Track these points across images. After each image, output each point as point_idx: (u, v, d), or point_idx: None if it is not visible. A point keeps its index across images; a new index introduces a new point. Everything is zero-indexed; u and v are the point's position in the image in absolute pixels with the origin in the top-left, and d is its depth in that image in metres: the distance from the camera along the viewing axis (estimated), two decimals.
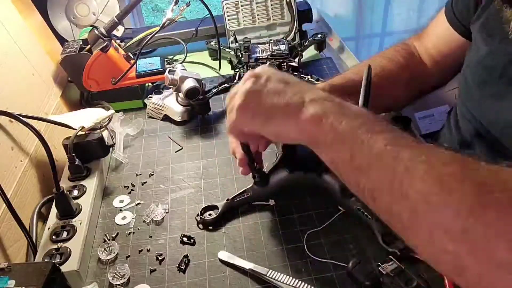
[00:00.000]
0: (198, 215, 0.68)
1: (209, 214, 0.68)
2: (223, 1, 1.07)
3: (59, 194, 0.65)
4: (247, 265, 0.59)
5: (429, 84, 0.79)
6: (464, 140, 0.73)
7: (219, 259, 0.61)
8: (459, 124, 0.74)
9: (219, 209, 0.67)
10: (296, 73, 0.94)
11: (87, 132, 0.76)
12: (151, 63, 0.98)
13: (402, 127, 0.73)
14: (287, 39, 1.07)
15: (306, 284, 0.55)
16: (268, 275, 0.57)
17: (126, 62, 0.96)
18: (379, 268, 0.55)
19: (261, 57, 0.97)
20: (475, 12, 0.68)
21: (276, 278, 0.57)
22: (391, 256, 0.57)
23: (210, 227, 0.66)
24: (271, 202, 0.69)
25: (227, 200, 0.68)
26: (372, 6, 1.81)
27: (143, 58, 1.00)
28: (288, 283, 0.56)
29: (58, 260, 0.59)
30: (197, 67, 1.11)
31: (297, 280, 0.56)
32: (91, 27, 0.92)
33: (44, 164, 0.76)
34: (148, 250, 0.64)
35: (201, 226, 0.67)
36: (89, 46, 0.93)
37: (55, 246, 0.61)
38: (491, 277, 0.32)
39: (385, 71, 0.73)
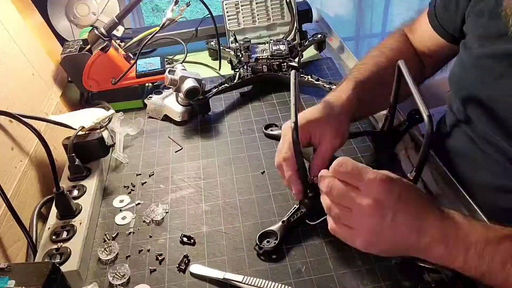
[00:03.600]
0: (256, 245, 0.61)
1: (268, 242, 0.61)
2: (223, 1, 1.07)
3: (59, 194, 0.65)
4: (220, 274, 0.58)
5: (420, 76, 0.80)
6: (456, 148, 0.73)
7: (191, 273, 0.60)
8: (452, 133, 0.75)
9: (277, 234, 0.62)
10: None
11: (87, 132, 0.76)
12: (151, 63, 0.98)
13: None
14: (287, 39, 1.07)
15: (283, 286, 0.55)
16: (243, 281, 0.56)
17: (126, 62, 0.96)
18: (423, 274, 0.55)
19: (261, 57, 0.97)
20: (466, 8, 0.67)
21: (252, 284, 0.56)
22: (440, 267, 0.55)
23: (274, 256, 0.60)
24: None
25: (283, 222, 0.63)
26: (372, 6, 1.81)
27: (143, 58, 1.00)
28: (265, 287, 0.56)
29: (58, 260, 0.59)
30: (197, 67, 1.11)
31: (275, 283, 0.56)
32: (91, 27, 0.93)
33: (44, 164, 0.76)
34: (148, 250, 0.64)
35: (263, 257, 0.61)
36: (89, 46, 0.93)
37: (55, 246, 0.61)
38: None
39: (391, 64, 0.73)
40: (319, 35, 1.08)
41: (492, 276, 0.45)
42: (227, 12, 1.08)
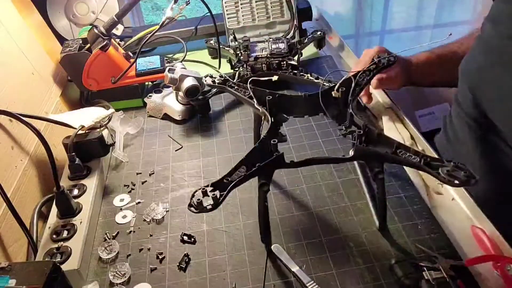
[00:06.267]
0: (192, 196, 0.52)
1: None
2: (222, 0, 1.07)
3: (59, 193, 0.65)
4: (293, 267, 0.58)
5: None
6: (458, 137, 0.75)
7: (271, 250, 0.61)
8: (453, 123, 0.76)
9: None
10: (295, 71, 0.94)
11: (87, 131, 0.76)
12: (150, 62, 0.98)
13: None
14: (287, 37, 1.06)
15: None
16: (308, 284, 0.56)
17: (126, 61, 0.96)
18: (423, 272, 0.54)
19: (260, 56, 0.97)
20: None
21: None
22: (441, 266, 0.54)
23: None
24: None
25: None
26: (372, 4, 1.81)
27: (142, 57, 1.00)
28: None
29: (59, 259, 0.59)
30: (197, 66, 1.11)
31: None
32: (91, 26, 0.92)
33: (44, 163, 0.76)
34: (149, 249, 0.64)
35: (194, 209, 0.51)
36: (88, 45, 0.93)
37: (56, 245, 0.61)
38: None
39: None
40: (319, 32, 1.08)
41: None
42: (226, 10, 1.07)
